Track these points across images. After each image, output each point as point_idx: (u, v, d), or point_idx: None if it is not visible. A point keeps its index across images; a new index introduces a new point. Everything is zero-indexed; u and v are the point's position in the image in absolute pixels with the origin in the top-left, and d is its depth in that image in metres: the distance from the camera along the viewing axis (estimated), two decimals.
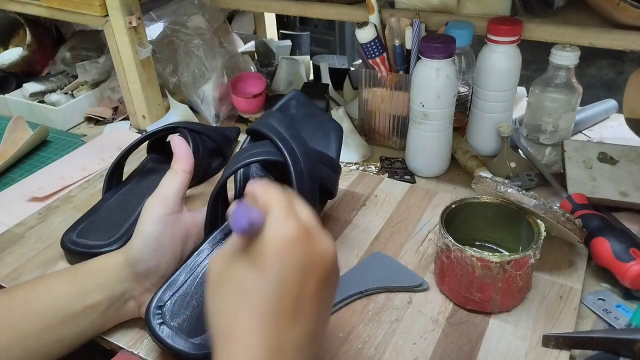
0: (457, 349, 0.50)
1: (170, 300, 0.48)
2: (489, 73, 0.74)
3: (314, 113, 0.65)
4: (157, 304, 0.48)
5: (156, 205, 0.50)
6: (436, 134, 0.73)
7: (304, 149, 0.54)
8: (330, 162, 0.61)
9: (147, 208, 0.50)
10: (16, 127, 0.91)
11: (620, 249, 0.55)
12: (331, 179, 0.60)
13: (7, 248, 0.65)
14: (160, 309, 0.48)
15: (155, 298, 0.48)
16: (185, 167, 0.53)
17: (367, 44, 0.76)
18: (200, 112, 0.96)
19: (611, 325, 0.52)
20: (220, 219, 0.55)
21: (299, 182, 0.51)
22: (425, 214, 0.68)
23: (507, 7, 0.74)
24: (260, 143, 0.55)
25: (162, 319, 0.47)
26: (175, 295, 0.49)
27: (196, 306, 0.49)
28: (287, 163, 0.52)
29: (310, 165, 0.53)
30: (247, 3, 0.93)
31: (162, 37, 0.99)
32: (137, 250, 0.48)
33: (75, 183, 0.79)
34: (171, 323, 0.47)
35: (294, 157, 0.52)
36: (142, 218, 0.49)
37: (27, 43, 1.06)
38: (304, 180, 0.52)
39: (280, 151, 0.52)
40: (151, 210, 0.50)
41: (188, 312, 0.48)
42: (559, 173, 0.73)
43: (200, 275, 0.50)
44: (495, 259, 0.49)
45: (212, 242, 0.53)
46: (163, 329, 0.46)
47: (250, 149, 0.55)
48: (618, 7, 0.61)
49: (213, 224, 0.54)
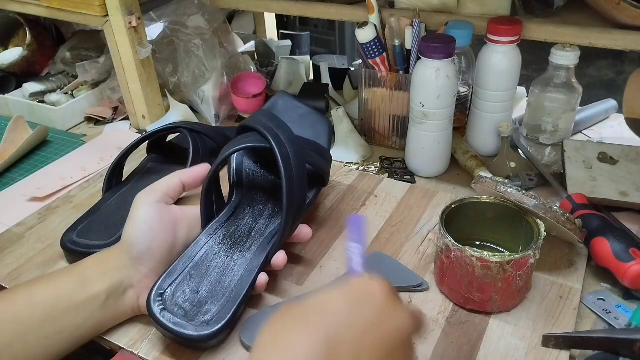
0: (457, 349, 0.50)
1: (170, 287, 0.50)
2: (489, 73, 0.74)
3: (300, 110, 0.67)
4: (157, 291, 0.49)
5: (144, 195, 0.53)
6: (436, 134, 0.73)
7: (289, 135, 0.55)
8: (319, 149, 0.62)
9: (136, 199, 0.53)
10: (16, 127, 0.90)
11: (620, 249, 0.55)
12: (321, 165, 0.61)
13: (7, 248, 0.65)
14: (161, 296, 0.49)
15: (155, 286, 0.50)
16: (184, 178, 0.55)
17: (367, 44, 0.76)
18: (200, 112, 0.96)
19: (611, 325, 0.52)
20: (216, 210, 0.57)
21: (286, 166, 0.52)
22: (425, 214, 0.68)
23: (507, 7, 0.74)
24: (246, 134, 0.57)
25: (163, 305, 0.49)
26: (174, 283, 0.50)
27: (195, 292, 0.50)
28: (272, 148, 0.53)
29: (296, 149, 0.54)
30: (247, 3, 0.93)
31: (162, 37, 0.99)
32: (129, 234, 0.51)
33: (75, 183, 0.79)
34: (172, 308, 0.49)
35: (279, 142, 0.53)
36: (132, 207, 0.53)
37: (27, 43, 1.06)
38: (291, 164, 0.53)
39: (265, 138, 0.54)
40: (139, 199, 0.53)
41: (187, 298, 0.50)
42: (559, 173, 0.73)
43: (198, 263, 0.52)
44: (495, 259, 0.49)
45: (209, 233, 0.54)
46: (164, 314, 0.48)
47: (237, 140, 0.56)
48: (618, 7, 0.61)
49: (209, 215, 0.56)
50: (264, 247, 0.54)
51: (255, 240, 0.55)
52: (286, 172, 0.52)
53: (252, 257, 0.54)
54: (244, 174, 0.60)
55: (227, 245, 0.54)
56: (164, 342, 0.51)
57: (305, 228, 0.57)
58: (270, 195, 0.60)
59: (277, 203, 0.59)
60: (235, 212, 0.57)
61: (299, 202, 0.54)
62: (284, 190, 0.51)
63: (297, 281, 0.58)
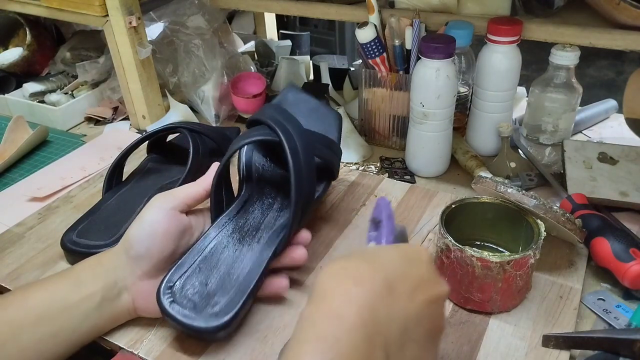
0: (457, 349, 0.50)
1: (179, 280, 0.50)
2: (489, 73, 0.74)
3: (311, 103, 0.66)
4: (166, 284, 0.49)
5: (161, 197, 0.53)
6: (436, 134, 0.73)
7: (298, 129, 0.55)
8: (329, 142, 0.62)
9: (152, 199, 0.53)
10: (16, 127, 0.90)
11: (620, 249, 0.55)
12: (330, 158, 0.61)
13: (7, 248, 0.65)
14: (170, 288, 0.49)
15: (165, 279, 0.50)
16: (207, 187, 0.55)
17: (367, 44, 0.76)
18: (200, 112, 0.96)
19: (611, 325, 0.52)
20: (226, 203, 0.57)
21: (295, 159, 0.52)
22: (425, 214, 0.68)
23: (507, 7, 0.74)
24: (255, 127, 0.57)
25: (172, 298, 0.49)
26: (183, 276, 0.50)
27: (204, 284, 0.50)
28: (280, 141, 0.53)
29: (305, 142, 0.54)
30: (247, 3, 0.93)
31: (162, 37, 0.99)
32: (131, 233, 0.51)
33: (75, 183, 0.79)
34: (181, 301, 0.49)
35: (287, 135, 0.53)
36: (145, 207, 0.52)
37: (27, 43, 1.06)
38: (300, 158, 0.53)
39: (274, 131, 0.54)
40: (155, 200, 0.53)
41: (196, 290, 0.50)
42: (559, 173, 0.73)
43: (207, 256, 0.52)
44: (495, 259, 0.49)
45: (218, 226, 0.55)
46: (174, 307, 0.48)
47: (246, 133, 0.56)
48: (618, 7, 0.61)
49: (218, 209, 0.56)
50: (272, 240, 0.54)
51: (264, 234, 0.55)
52: (294, 165, 0.52)
53: (261, 250, 0.54)
54: (253, 167, 0.60)
55: (236, 238, 0.54)
56: (164, 342, 0.51)
57: (304, 232, 0.56)
58: (280, 189, 0.59)
59: (287, 196, 0.58)
60: (244, 205, 0.57)
61: (307, 196, 0.54)
62: (293, 183, 0.51)
63: (297, 281, 0.58)
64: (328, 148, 0.61)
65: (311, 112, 0.65)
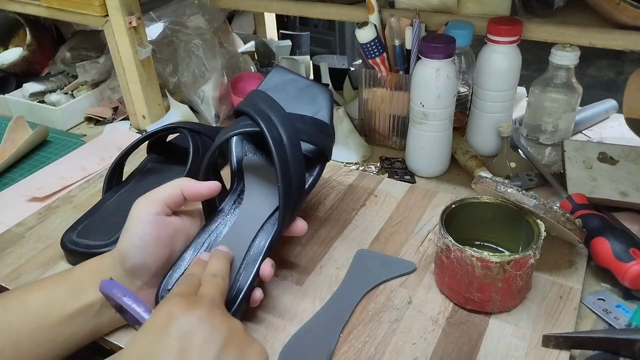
0: (457, 349, 0.50)
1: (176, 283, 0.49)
2: (489, 73, 0.74)
3: (299, 83, 0.63)
4: (164, 287, 0.49)
5: (141, 205, 0.50)
6: (436, 134, 0.73)
7: (281, 116, 0.54)
8: (318, 124, 0.60)
9: (134, 208, 0.50)
10: (17, 127, 0.91)
11: (620, 249, 0.55)
12: (320, 141, 0.58)
13: (7, 248, 0.65)
14: (169, 291, 0.49)
15: (163, 282, 0.49)
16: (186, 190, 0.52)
17: (367, 44, 0.76)
18: (200, 112, 0.96)
19: (611, 325, 0.52)
20: (218, 200, 0.56)
21: (278, 149, 0.51)
22: (425, 214, 0.68)
23: (507, 7, 0.74)
24: (239, 119, 0.56)
25: None
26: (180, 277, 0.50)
27: None
28: (262, 131, 0.52)
29: (289, 130, 0.53)
30: (247, 3, 0.93)
31: (162, 37, 0.99)
32: (123, 247, 0.49)
33: (75, 183, 0.79)
34: None
35: (270, 125, 0.52)
36: (129, 217, 0.50)
37: (27, 43, 1.06)
38: (284, 146, 0.52)
39: (254, 121, 0.53)
40: (136, 210, 0.50)
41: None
42: (559, 173, 0.73)
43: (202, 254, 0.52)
44: (495, 259, 0.49)
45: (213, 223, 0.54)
46: None
47: (229, 126, 0.55)
48: (618, 7, 0.61)
49: (211, 206, 0.55)
50: (268, 232, 0.54)
51: (259, 225, 0.54)
52: (279, 155, 0.51)
53: (257, 243, 0.53)
54: (244, 159, 0.58)
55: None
56: None
57: (300, 221, 0.56)
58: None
59: None
60: (237, 199, 0.56)
61: (297, 184, 0.53)
62: (278, 174, 0.50)
63: (297, 281, 0.58)
64: (318, 131, 0.59)
65: (301, 93, 0.62)
